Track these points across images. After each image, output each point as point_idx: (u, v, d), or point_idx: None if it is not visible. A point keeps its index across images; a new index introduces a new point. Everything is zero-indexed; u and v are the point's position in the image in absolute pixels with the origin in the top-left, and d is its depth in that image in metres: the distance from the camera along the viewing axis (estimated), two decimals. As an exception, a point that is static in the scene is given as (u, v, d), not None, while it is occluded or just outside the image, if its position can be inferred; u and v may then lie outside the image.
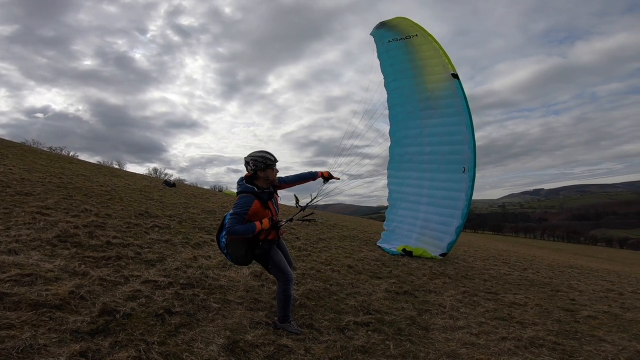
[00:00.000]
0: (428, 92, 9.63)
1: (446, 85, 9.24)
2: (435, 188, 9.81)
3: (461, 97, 9.03)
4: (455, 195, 9.35)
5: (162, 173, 42.21)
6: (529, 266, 11.93)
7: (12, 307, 3.02)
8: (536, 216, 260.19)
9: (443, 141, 9.58)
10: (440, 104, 9.47)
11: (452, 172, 9.39)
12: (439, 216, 9.70)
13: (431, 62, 9.47)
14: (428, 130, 9.84)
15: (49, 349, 2.60)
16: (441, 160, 9.65)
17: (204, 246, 6.81)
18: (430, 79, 9.55)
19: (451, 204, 9.42)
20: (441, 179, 9.69)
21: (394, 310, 5.02)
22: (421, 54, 9.61)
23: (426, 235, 9.85)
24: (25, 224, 5.55)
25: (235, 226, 3.49)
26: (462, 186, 9.20)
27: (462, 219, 9.28)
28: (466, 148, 9.09)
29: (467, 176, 9.12)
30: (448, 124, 9.40)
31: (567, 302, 6.79)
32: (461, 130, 9.13)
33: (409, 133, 10.30)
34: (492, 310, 5.58)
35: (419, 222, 10.07)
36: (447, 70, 9.16)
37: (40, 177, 10.06)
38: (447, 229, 9.48)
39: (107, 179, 13.66)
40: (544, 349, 4.23)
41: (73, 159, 21.97)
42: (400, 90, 10.27)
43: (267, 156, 3.76)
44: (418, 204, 10.19)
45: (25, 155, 14.31)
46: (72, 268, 4.16)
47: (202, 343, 3.17)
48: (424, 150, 10.02)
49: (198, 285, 4.58)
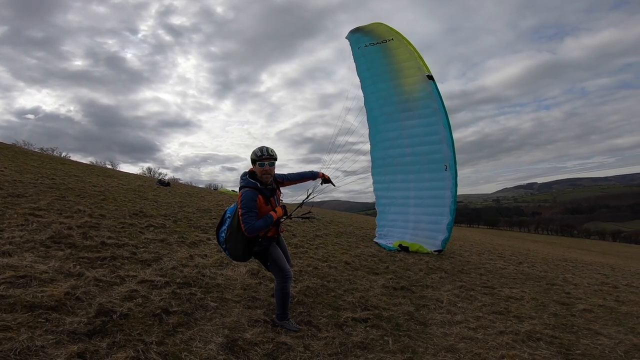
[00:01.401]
0: (405, 95, 9.81)
1: (422, 86, 9.45)
2: (421, 189, 9.94)
3: (437, 98, 9.27)
4: (440, 193, 9.51)
5: (156, 172, 41.98)
6: (524, 260, 12.04)
7: (7, 309, 2.97)
8: (530, 210, 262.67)
9: (423, 141, 9.74)
10: (417, 105, 9.66)
11: (435, 171, 9.56)
12: (429, 216, 9.83)
13: (407, 65, 9.69)
14: (407, 132, 9.98)
15: (46, 350, 2.56)
16: (423, 160, 9.81)
17: (200, 245, 6.77)
18: (407, 82, 9.73)
19: (438, 202, 9.57)
20: (426, 179, 9.83)
21: (392, 305, 5.04)
22: (397, 57, 9.82)
23: (419, 236, 9.95)
24: (18, 226, 5.47)
25: (254, 223, 3.50)
26: (447, 184, 9.38)
27: (451, 215, 9.41)
28: (445, 147, 9.31)
29: (449, 174, 9.32)
30: (426, 124, 9.59)
31: (563, 295, 6.86)
32: (439, 130, 9.35)
33: (389, 135, 10.40)
34: (489, 305, 5.62)
35: (411, 224, 10.16)
36: (423, 72, 9.39)
37: (32, 179, 9.94)
38: (439, 227, 9.61)
39: (100, 180, 13.53)
40: (542, 343, 4.27)
41: (65, 160, 21.74)
42: (377, 93, 10.39)
43: (256, 151, 3.74)
44: (407, 206, 10.27)
45: (17, 157, 14.13)
46: (67, 269, 4.11)
47: (200, 342, 3.15)
48: (405, 152, 10.13)
49: (195, 284, 4.55)
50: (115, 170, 27.75)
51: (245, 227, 3.50)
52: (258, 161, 3.69)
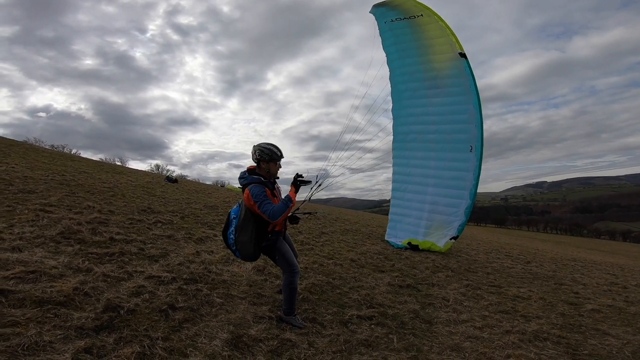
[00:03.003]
0: (434, 72, 9.48)
1: (453, 64, 9.09)
2: (441, 168, 9.63)
3: (469, 76, 8.89)
4: (462, 175, 9.20)
5: (164, 169, 42.32)
6: (532, 259, 11.92)
7: (16, 304, 3.03)
8: (539, 209, 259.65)
9: (449, 120, 9.42)
10: (446, 83, 9.31)
11: (459, 151, 9.25)
12: (447, 198, 9.53)
13: (438, 42, 9.31)
14: (433, 109, 9.66)
15: (54, 345, 2.60)
16: (447, 139, 9.49)
17: (206, 241, 6.83)
18: (436, 58, 9.39)
19: (459, 184, 9.26)
20: (447, 159, 9.52)
21: (397, 303, 5.03)
22: (427, 33, 9.44)
23: (435, 220, 9.66)
24: (29, 222, 5.56)
25: (274, 209, 3.59)
26: (469, 165, 9.06)
27: (470, 199, 9.13)
28: (473, 127, 8.95)
29: (474, 155, 8.98)
30: (454, 103, 9.24)
31: (571, 295, 6.79)
32: (468, 109, 8.99)
33: (414, 111, 10.13)
34: (495, 304, 5.58)
35: (427, 206, 9.84)
36: (455, 49, 8.99)
37: (43, 175, 10.09)
38: (456, 210, 9.31)
39: (109, 176, 13.68)
40: (548, 343, 4.23)
41: (75, 157, 22.02)
42: (403, 68, 10.12)
43: (274, 150, 3.86)
44: (425, 185, 9.97)
45: (28, 154, 14.35)
46: (76, 264, 4.17)
47: (205, 338, 3.18)
48: (429, 129, 9.82)
49: (201, 281, 4.59)
50: (124, 167, 28.04)
51: (268, 215, 3.59)
52: (279, 160, 3.90)
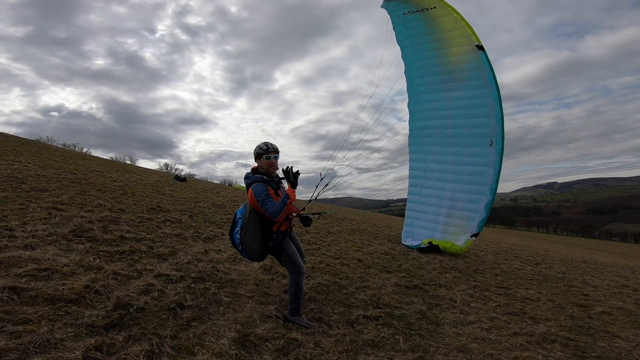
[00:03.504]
0: (450, 65, 9.26)
1: (471, 57, 8.86)
2: (460, 163, 9.41)
3: (488, 69, 8.66)
4: (482, 170, 8.96)
5: (173, 168, 42.69)
6: (542, 261, 11.78)
7: (29, 302, 3.10)
8: (549, 210, 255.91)
9: (467, 114, 9.19)
10: (464, 76, 9.08)
11: (478, 145, 9.02)
12: (467, 193, 9.29)
13: (453, 34, 9.09)
14: (451, 103, 9.43)
15: (65, 343, 2.66)
16: (466, 133, 9.27)
17: (214, 240, 6.89)
18: (453, 51, 9.18)
19: (479, 179, 9.02)
20: (466, 154, 9.30)
21: (404, 304, 5.02)
22: (442, 26, 9.20)
23: (454, 217, 9.46)
24: (41, 219, 5.67)
25: (273, 207, 3.63)
26: (490, 160, 8.80)
27: (491, 195, 8.84)
28: (493, 121, 8.70)
29: (494, 150, 8.71)
30: (473, 97, 9.01)
31: (581, 297, 6.71)
32: (487, 103, 8.74)
33: (430, 106, 9.92)
34: (503, 305, 5.54)
35: (446, 202, 9.63)
36: (472, 42, 8.76)
37: (55, 173, 10.26)
38: (476, 206, 9.04)
39: (120, 175, 13.86)
40: (557, 345, 4.20)
41: (86, 155, 22.35)
42: (418, 62, 9.93)
43: (260, 145, 3.91)
44: (443, 181, 9.76)
45: (40, 152, 14.60)
46: (87, 262, 4.25)
47: (213, 337, 3.22)
48: (446, 123, 9.61)
49: (209, 279, 4.64)
50: (134, 165, 28.36)
51: (269, 212, 3.64)
52: (264, 154, 3.86)
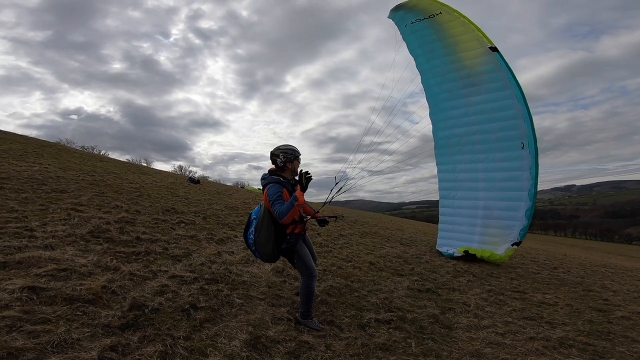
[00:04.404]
0: (466, 69, 9.02)
1: (485, 59, 8.65)
2: (491, 170, 9.04)
3: (506, 70, 8.43)
4: (516, 175, 8.56)
5: (187, 170, 43.31)
6: (560, 265, 11.51)
7: (48, 301, 3.18)
8: (567, 213, 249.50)
9: (493, 118, 8.85)
10: (482, 80, 8.80)
11: (509, 150, 8.65)
12: (502, 201, 8.90)
13: (464, 38, 8.92)
14: (473, 108, 9.14)
15: (81, 343, 2.72)
16: (493, 138, 8.92)
17: (227, 242, 6.96)
18: (466, 55, 8.96)
19: (514, 185, 8.62)
20: (497, 159, 8.93)
21: (416, 308, 4.98)
22: (451, 31, 9.05)
23: (491, 227, 9.08)
24: (61, 220, 5.83)
25: (281, 208, 3.67)
26: (524, 164, 8.40)
27: (530, 200, 8.40)
28: (521, 122, 8.33)
29: (527, 152, 8.30)
30: (496, 99, 8.73)
31: (600, 302, 6.53)
32: (512, 104, 8.44)
33: (453, 113, 9.64)
34: (519, 310, 5.44)
35: (480, 212, 9.25)
36: (484, 44, 8.58)
37: (74, 175, 10.54)
38: (515, 214, 8.61)
39: (136, 177, 14.15)
40: (574, 350, 4.10)
41: (104, 158, 22.88)
42: (433, 70, 9.71)
43: (294, 149, 4.01)
44: (475, 190, 9.41)
45: (60, 154, 15.02)
46: (104, 263, 4.35)
47: (225, 338, 3.26)
48: (471, 130, 9.30)
49: (222, 281, 4.69)
50: (149, 167, 28.89)
51: (276, 213, 3.68)
52: (299, 157, 4.02)
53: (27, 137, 20.02)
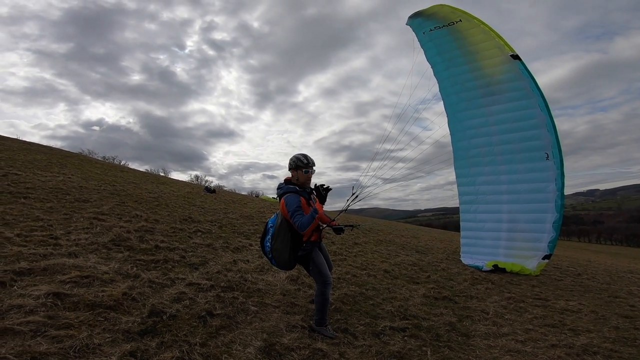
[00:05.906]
0: (486, 78, 8.82)
1: (507, 67, 8.46)
2: (515, 182, 8.80)
3: (528, 79, 8.23)
4: (541, 186, 8.35)
5: (203, 180, 43.96)
6: (584, 271, 11.12)
7: (71, 307, 3.31)
8: (591, 218, 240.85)
9: (514, 128, 8.61)
10: (503, 88, 8.60)
11: (532, 160, 8.43)
12: (528, 213, 8.65)
13: (485, 46, 8.75)
14: (493, 118, 8.92)
15: (102, 348, 2.80)
16: (516, 149, 8.67)
17: (243, 250, 7.05)
18: (487, 64, 8.79)
19: (539, 197, 8.41)
20: (520, 170, 8.68)
21: (432, 315, 4.92)
22: (471, 38, 8.88)
23: (517, 240, 8.81)
24: (84, 229, 6.04)
25: (302, 220, 3.70)
26: (549, 175, 8.18)
27: (557, 212, 8.14)
28: (545, 132, 8.10)
29: (552, 163, 8.08)
30: (517, 108, 8.51)
31: (627, 308, 6.30)
32: (535, 113, 8.21)
33: (472, 123, 9.35)
34: (540, 317, 5.31)
35: (504, 225, 8.99)
36: (505, 52, 8.42)
37: (96, 185, 10.89)
38: (542, 226, 8.35)
39: (154, 186, 14.48)
40: (599, 357, 3.98)
41: (124, 168, 23.51)
42: (452, 78, 9.52)
43: (300, 157, 4.00)
44: (499, 203, 9.13)
45: (82, 165, 15.53)
46: (125, 270, 4.48)
47: (240, 345, 3.30)
48: (492, 140, 9.06)
49: (237, 289, 4.75)
50: (167, 177, 29.49)
51: (297, 225, 3.71)
52: (304, 168, 3.96)
53: (51, 148, 20.77)
